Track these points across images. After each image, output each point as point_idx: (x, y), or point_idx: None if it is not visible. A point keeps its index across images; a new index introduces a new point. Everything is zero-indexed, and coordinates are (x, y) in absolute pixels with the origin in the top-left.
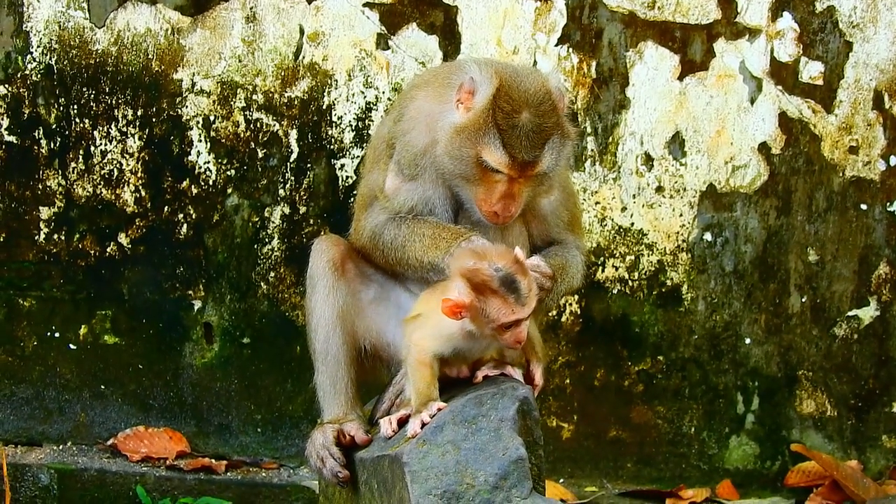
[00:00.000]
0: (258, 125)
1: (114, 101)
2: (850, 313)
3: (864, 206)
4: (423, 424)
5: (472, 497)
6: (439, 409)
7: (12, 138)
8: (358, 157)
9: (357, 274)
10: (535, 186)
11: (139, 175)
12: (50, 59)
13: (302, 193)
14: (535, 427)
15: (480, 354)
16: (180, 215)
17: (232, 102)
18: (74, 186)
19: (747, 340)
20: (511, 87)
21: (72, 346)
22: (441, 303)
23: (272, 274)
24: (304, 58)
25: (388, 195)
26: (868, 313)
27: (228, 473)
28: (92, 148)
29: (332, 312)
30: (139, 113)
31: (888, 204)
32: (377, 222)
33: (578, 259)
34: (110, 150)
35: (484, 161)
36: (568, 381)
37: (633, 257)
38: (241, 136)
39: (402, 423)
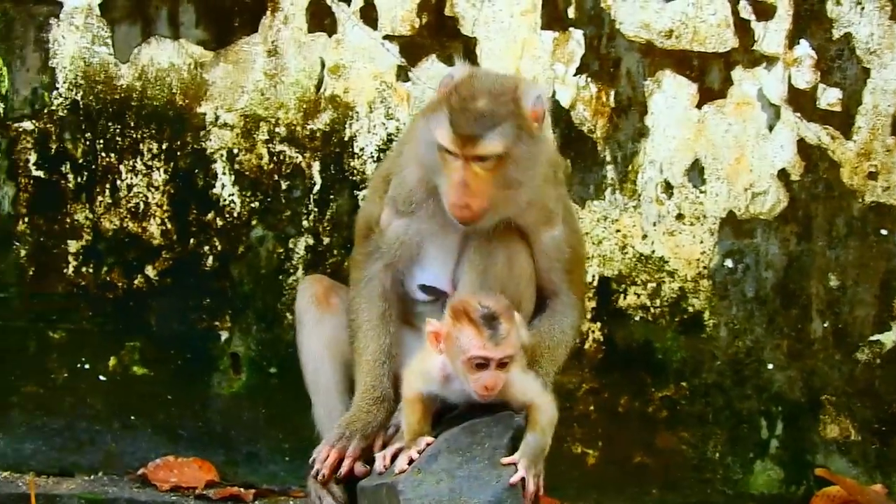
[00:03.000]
0: (281, 157)
1: (139, 135)
2: (872, 338)
3: (884, 232)
4: (411, 461)
5: None
6: (427, 444)
7: (40, 173)
8: None
9: (344, 307)
10: (492, 174)
11: (165, 208)
12: (76, 94)
13: (325, 224)
14: None
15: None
16: (206, 247)
17: (255, 135)
18: (102, 220)
19: (770, 366)
20: (475, 78)
21: (101, 378)
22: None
23: None
24: (325, 90)
25: (383, 227)
26: (890, 338)
27: (257, 502)
28: (118, 181)
29: (318, 344)
30: (164, 146)
31: None
32: (361, 276)
33: (567, 324)
34: (136, 184)
35: (437, 142)
36: (592, 407)
37: (654, 284)
38: (265, 168)
39: (397, 456)
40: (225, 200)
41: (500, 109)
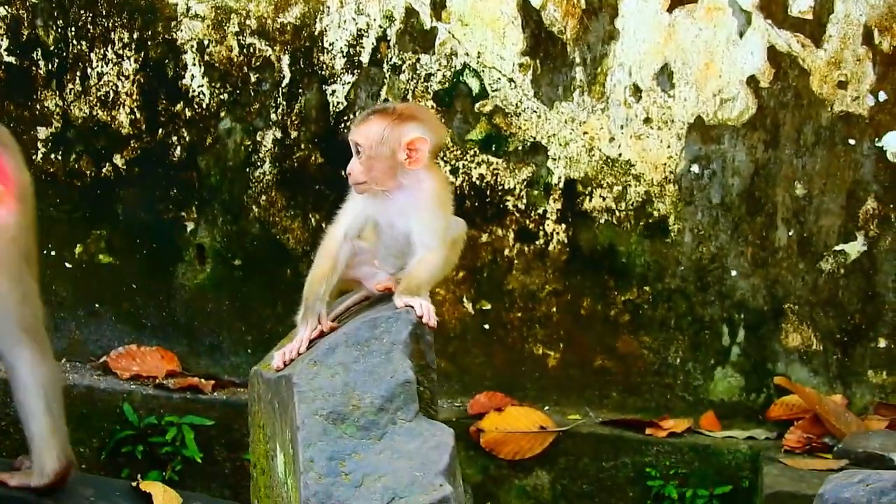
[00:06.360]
0: (251, 50)
1: (111, 24)
2: (836, 248)
3: (852, 141)
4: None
5: (357, 418)
6: (322, 333)
7: (11, 59)
8: (349, 83)
9: None
10: None
11: (134, 97)
12: None
13: (293, 118)
14: (429, 351)
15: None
16: (174, 138)
17: (226, 27)
18: (71, 107)
19: (733, 273)
20: None
21: (67, 265)
22: None
23: (263, 197)
24: None
25: None
26: (855, 248)
27: (215, 393)
28: (89, 70)
29: None
30: (135, 36)
31: (876, 139)
32: None
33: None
34: (107, 73)
35: None
36: (554, 309)
37: (620, 188)
38: (235, 60)
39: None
40: (194, 92)
41: None
